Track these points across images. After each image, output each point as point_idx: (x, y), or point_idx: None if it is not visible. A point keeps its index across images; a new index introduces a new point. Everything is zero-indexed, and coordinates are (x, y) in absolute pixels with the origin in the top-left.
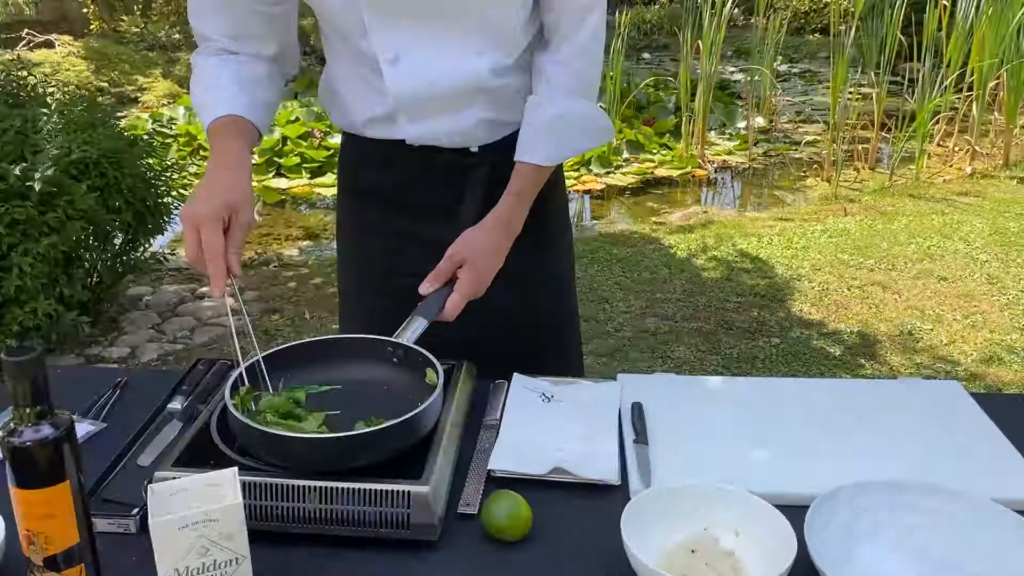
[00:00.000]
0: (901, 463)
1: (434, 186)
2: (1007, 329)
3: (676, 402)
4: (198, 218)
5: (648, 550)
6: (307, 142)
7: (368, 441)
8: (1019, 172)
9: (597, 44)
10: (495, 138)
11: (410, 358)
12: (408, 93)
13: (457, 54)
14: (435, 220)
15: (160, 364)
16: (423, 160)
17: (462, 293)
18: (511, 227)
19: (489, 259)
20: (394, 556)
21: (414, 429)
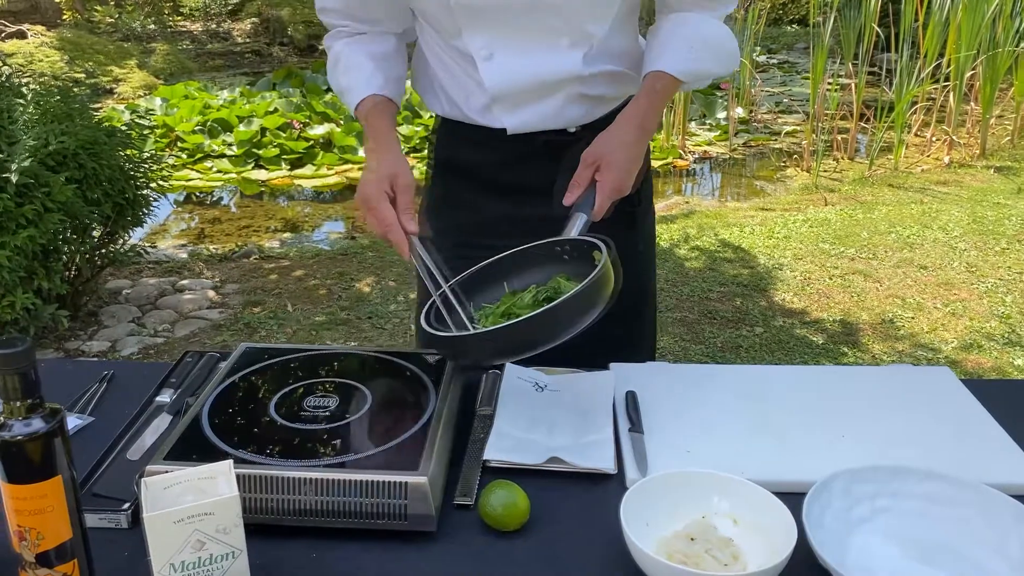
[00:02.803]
0: (895, 449)
1: (530, 166)
2: (986, 316)
3: (670, 390)
4: (368, 200)
5: (647, 539)
6: (286, 133)
7: (587, 295)
8: (995, 161)
9: None
10: (592, 118)
11: (579, 250)
12: (504, 87)
13: (550, 48)
14: (530, 198)
15: (141, 358)
16: (521, 142)
17: (605, 193)
18: (644, 124)
19: (625, 152)
20: (392, 547)
21: (606, 283)
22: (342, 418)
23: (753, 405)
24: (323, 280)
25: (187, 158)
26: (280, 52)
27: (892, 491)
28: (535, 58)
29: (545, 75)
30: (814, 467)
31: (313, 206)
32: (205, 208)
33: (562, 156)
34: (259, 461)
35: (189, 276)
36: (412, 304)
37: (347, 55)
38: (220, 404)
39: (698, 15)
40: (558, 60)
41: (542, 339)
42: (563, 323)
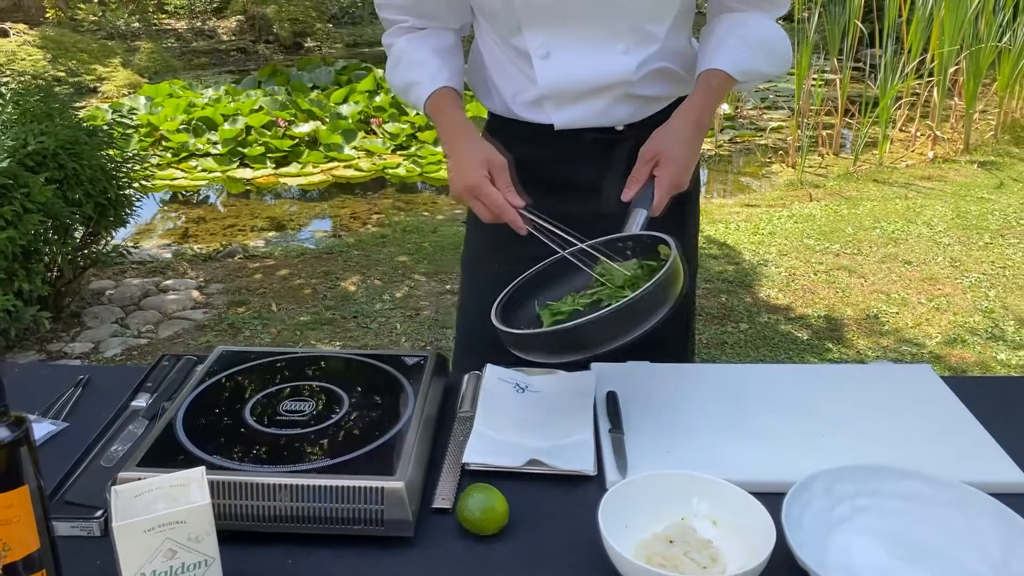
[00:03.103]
0: (876, 447)
1: (577, 163)
2: (970, 311)
3: (651, 390)
4: (473, 188)
5: (626, 542)
6: (271, 131)
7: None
8: (979, 156)
9: None
10: (639, 118)
11: (642, 245)
12: (557, 86)
13: (606, 52)
14: (577, 196)
15: (124, 359)
16: (569, 139)
17: (664, 188)
18: (701, 120)
19: (683, 148)
20: (368, 553)
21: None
22: (318, 422)
23: (734, 404)
24: (308, 279)
25: (172, 157)
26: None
27: (872, 490)
28: (591, 60)
29: (599, 77)
30: (794, 467)
31: (299, 204)
32: (190, 207)
33: (610, 154)
34: (233, 467)
35: (173, 276)
36: (397, 303)
37: (410, 51)
38: (195, 409)
39: (753, 15)
40: (612, 63)
41: (610, 337)
42: (639, 317)
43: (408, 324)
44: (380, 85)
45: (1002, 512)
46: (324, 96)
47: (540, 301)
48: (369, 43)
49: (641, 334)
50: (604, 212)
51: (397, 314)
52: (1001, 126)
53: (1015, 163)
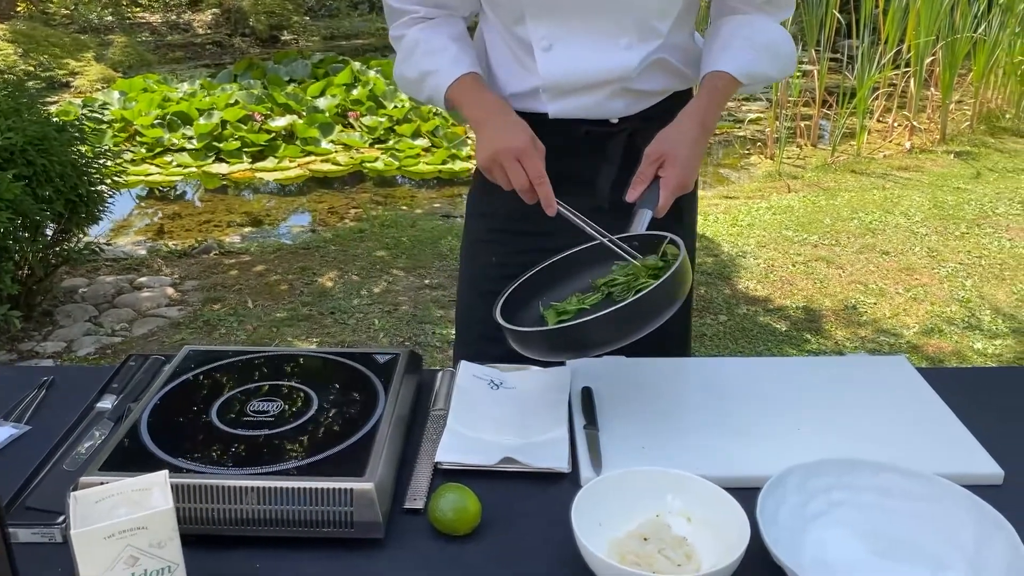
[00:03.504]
0: (851, 440)
1: (572, 155)
2: (947, 301)
3: (626, 386)
4: (519, 151)
5: (599, 540)
6: (247, 126)
7: (660, 294)
8: (955, 146)
9: None
10: (635, 111)
11: (647, 245)
12: (557, 78)
13: (608, 48)
14: (571, 189)
15: (98, 358)
16: (563, 131)
17: (669, 189)
18: (706, 122)
19: (689, 149)
20: (338, 556)
21: (680, 283)
22: (287, 423)
23: (709, 399)
24: (284, 275)
25: (146, 152)
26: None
27: (847, 484)
28: (593, 54)
29: (600, 72)
30: (770, 461)
31: (275, 199)
32: (165, 203)
33: (604, 147)
34: (199, 470)
35: (148, 273)
36: (375, 299)
37: (426, 40)
38: (160, 411)
39: (759, 18)
40: (615, 58)
41: (615, 336)
42: (646, 316)
43: (386, 320)
44: (357, 78)
45: (976, 504)
46: (301, 90)
47: (544, 301)
48: (346, 36)
49: (646, 333)
50: (598, 206)
51: (375, 309)
52: (977, 116)
53: (991, 153)
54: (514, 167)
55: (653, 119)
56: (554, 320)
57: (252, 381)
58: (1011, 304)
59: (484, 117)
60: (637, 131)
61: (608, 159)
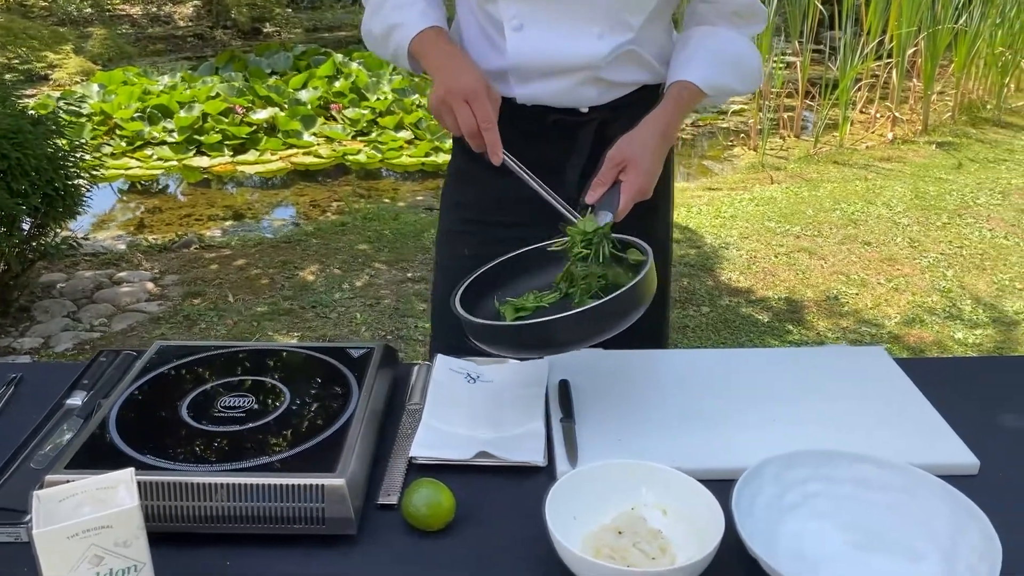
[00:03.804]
0: (828, 431)
1: (541, 144)
2: (928, 291)
3: (604, 378)
4: (467, 93)
5: (573, 534)
6: (228, 118)
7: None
8: (937, 137)
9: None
10: (605, 100)
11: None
12: (525, 60)
13: (580, 33)
14: (539, 176)
15: (76, 354)
16: (532, 118)
17: (630, 194)
18: (667, 132)
19: (651, 157)
20: (310, 552)
21: (644, 291)
22: (257, 418)
23: (687, 390)
24: (265, 269)
25: (126, 146)
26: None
27: (823, 476)
28: (563, 39)
29: (568, 58)
30: (747, 453)
31: (257, 192)
32: (145, 197)
33: (573, 136)
34: (168, 467)
35: (127, 268)
36: (357, 292)
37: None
38: (129, 407)
39: (728, 31)
40: (584, 46)
41: (578, 337)
42: (611, 319)
43: (368, 313)
44: (340, 70)
45: (951, 494)
46: (282, 82)
47: (499, 296)
48: (329, 28)
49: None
50: (567, 195)
51: (357, 303)
52: (958, 107)
53: (972, 143)
54: (462, 109)
55: (623, 110)
56: (512, 316)
57: (224, 376)
58: (991, 294)
59: (441, 64)
60: (607, 121)
61: (577, 149)
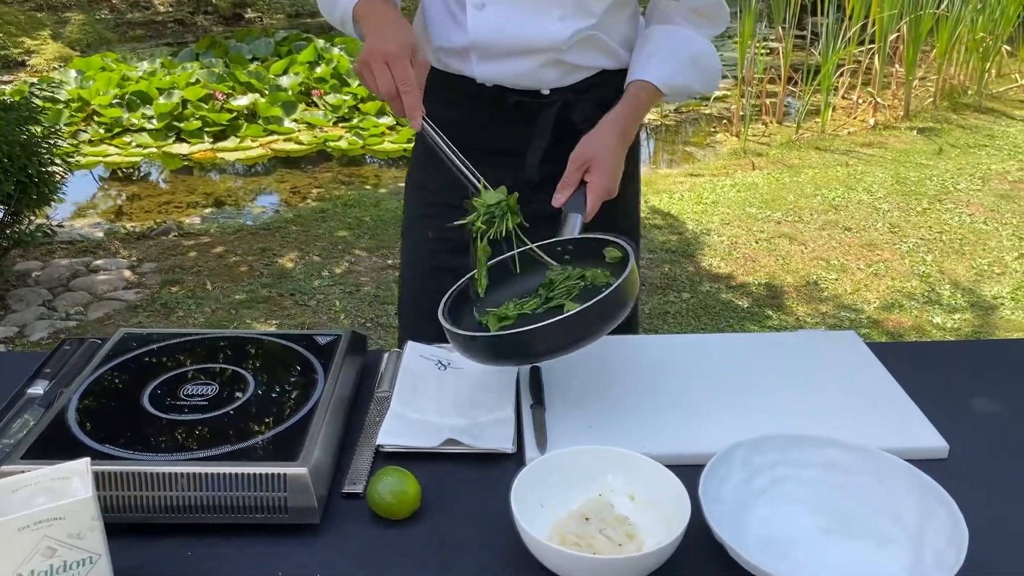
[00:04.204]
0: (799, 417)
1: (502, 126)
2: (907, 276)
3: (575, 364)
4: (388, 54)
5: (540, 522)
6: (208, 105)
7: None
8: (918, 123)
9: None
10: (566, 83)
11: (580, 249)
12: (486, 39)
13: (541, 15)
14: (501, 161)
15: (51, 343)
16: (493, 100)
17: (597, 194)
18: (626, 132)
19: (612, 156)
20: (274, 542)
21: (626, 297)
22: (220, 407)
23: (658, 376)
24: (244, 256)
25: (104, 133)
26: (204, 21)
27: (791, 460)
28: (525, 20)
29: (530, 39)
30: (717, 438)
31: (237, 180)
32: (124, 184)
33: (534, 119)
34: (127, 456)
35: (104, 256)
36: (337, 280)
37: None
38: (90, 396)
39: (689, 31)
40: (546, 27)
41: (569, 341)
42: (601, 320)
43: (348, 300)
44: (321, 56)
45: (919, 479)
46: (263, 68)
47: (479, 308)
48: (312, 13)
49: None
50: (528, 180)
51: (336, 290)
52: (940, 92)
53: (953, 129)
54: (382, 70)
55: (585, 92)
56: (496, 326)
57: (188, 364)
58: (970, 279)
59: (374, 27)
60: (568, 104)
61: (539, 131)
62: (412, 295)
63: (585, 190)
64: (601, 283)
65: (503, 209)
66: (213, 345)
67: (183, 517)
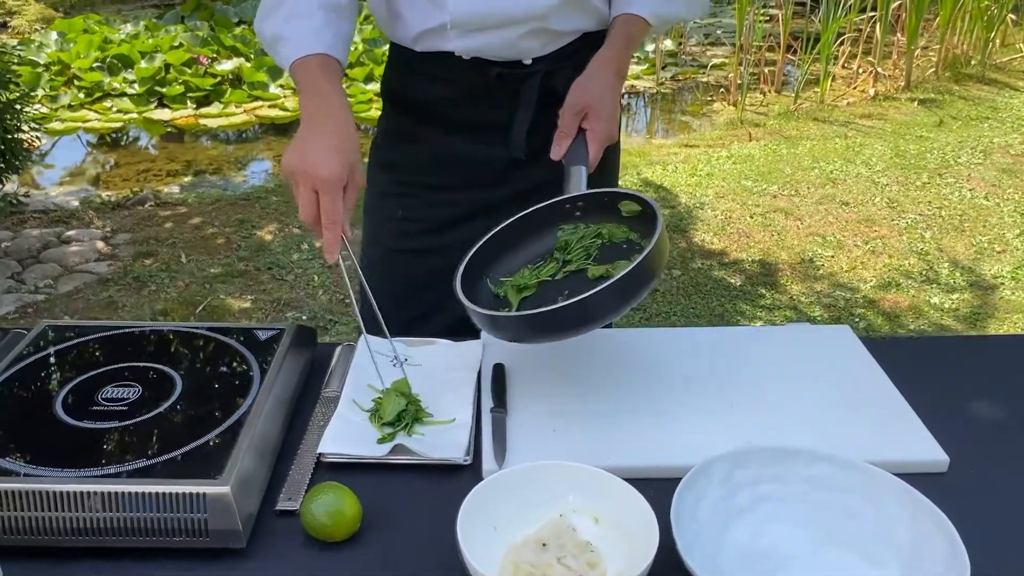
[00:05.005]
0: (785, 422)
1: (484, 101)
2: (905, 253)
3: (543, 361)
4: (319, 182)
5: (494, 547)
6: (192, 69)
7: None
8: (919, 94)
9: None
10: (549, 51)
11: (593, 203)
12: (466, 13)
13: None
14: (484, 138)
15: (18, 317)
16: (473, 73)
17: (599, 140)
18: (620, 70)
19: (611, 99)
20: (194, 566)
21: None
22: (141, 413)
23: (635, 375)
24: (222, 228)
25: (84, 97)
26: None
27: (775, 476)
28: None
29: (514, 10)
30: (696, 448)
31: (219, 147)
32: (102, 150)
33: (517, 91)
34: (29, 472)
35: (78, 226)
36: (316, 253)
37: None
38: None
39: None
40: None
41: (612, 309)
42: (641, 284)
43: (327, 276)
44: None
45: (914, 498)
46: (249, 31)
47: (492, 277)
48: None
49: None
50: (515, 158)
51: (315, 265)
52: (942, 63)
53: (955, 101)
54: (308, 196)
55: (566, 59)
56: (515, 298)
57: (111, 363)
58: (970, 257)
59: (310, 117)
60: (551, 72)
61: (523, 104)
62: (378, 279)
63: (585, 139)
64: (620, 239)
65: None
66: (140, 340)
67: (91, 540)
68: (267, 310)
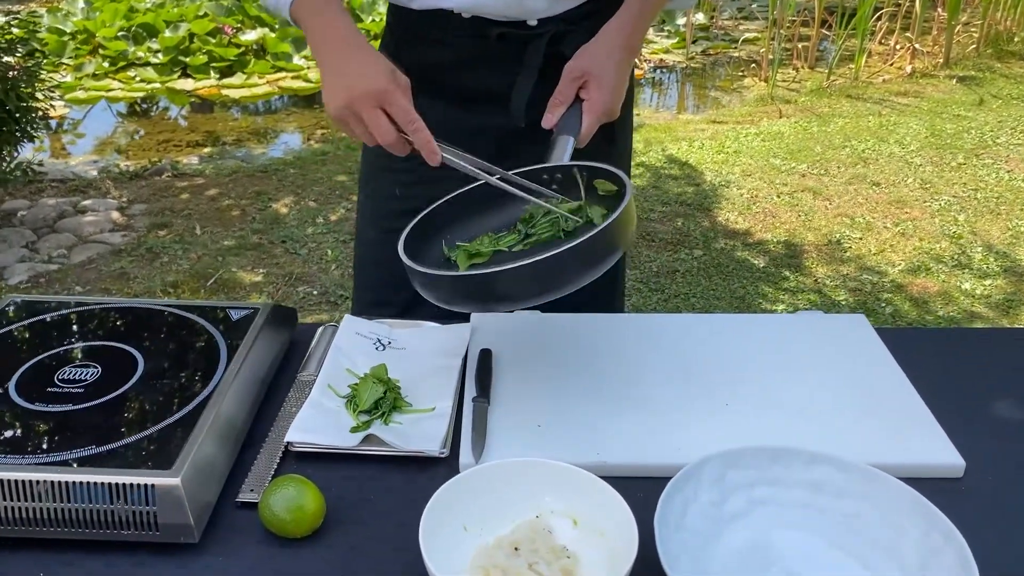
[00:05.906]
0: (787, 420)
1: (485, 66)
2: (936, 237)
3: (533, 347)
4: (378, 95)
5: (462, 550)
6: (216, 39)
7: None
8: (959, 71)
9: None
10: (556, 11)
11: (570, 177)
12: None
13: None
14: (486, 106)
15: (30, 287)
16: (474, 34)
17: (595, 114)
18: (631, 43)
19: (615, 70)
20: (145, 561)
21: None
22: (97, 396)
23: (630, 364)
24: (238, 200)
25: (109, 66)
26: None
27: (772, 479)
28: None
29: None
30: (689, 445)
31: (240, 118)
32: (125, 120)
33: (520, 55)
34: None
35: (94, 196)
36: (331, 227)
37: None
38: None
39: None
40: None
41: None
42: (593, 259)
43: (340, 250)
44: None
45: (923, 508)
46: None
47: (448, 240)
48: None
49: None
50: (514, 127)
51: (329, 239)
52: (984, 38)
53: (996, 79)
54: (375, 116)
55: (577, 23)
56: (464, 264)
57: (72, 341)
58: (1004, 241)
59: (329, 52)
60: (558, 36)
61: (526, 69)
62: (373, 259)
63: (581, 109)
64: (591, 220)
65: None
66: (105, 318)
67: (35, 531)
68: (278, 284)
